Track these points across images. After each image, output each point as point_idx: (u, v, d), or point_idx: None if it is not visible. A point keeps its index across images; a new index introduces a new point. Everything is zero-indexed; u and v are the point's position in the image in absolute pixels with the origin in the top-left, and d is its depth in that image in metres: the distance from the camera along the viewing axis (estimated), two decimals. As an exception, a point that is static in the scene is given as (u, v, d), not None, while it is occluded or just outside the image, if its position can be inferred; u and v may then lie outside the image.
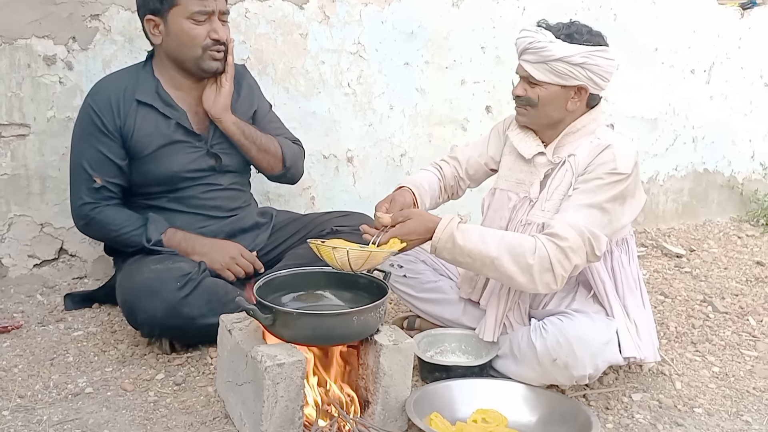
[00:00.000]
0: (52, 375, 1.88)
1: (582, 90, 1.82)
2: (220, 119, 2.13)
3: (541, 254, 1.68)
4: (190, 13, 2.02)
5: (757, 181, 3.96)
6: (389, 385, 1.63)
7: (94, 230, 2.14)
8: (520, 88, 1.87)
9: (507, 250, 1.69)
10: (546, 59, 1.78)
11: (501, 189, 1.99)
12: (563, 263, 1.68)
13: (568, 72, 1.78)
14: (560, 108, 1.84)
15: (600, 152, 1.79)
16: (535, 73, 1.81)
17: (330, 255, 1.65)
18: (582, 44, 1.78)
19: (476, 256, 1.71)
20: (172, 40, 2.06)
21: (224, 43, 2.08)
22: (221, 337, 1.72)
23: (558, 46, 1.77)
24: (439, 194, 2.09)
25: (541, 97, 1.83)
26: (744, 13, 3.67)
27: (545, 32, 1.81)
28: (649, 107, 3.51)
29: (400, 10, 2.85)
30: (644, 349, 1.85)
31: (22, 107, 2.34)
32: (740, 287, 2.81)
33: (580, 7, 3.21)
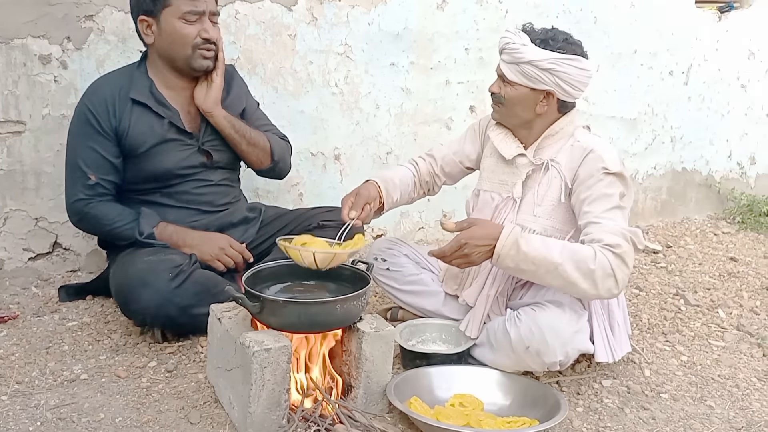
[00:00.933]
0: (48, 362, 1.95)
1: (550, 95, 1.91)
2: (211, 113, 2.20)
3: (602, 261, 1.73)
4: (181, 13, 2.09)
5: (734, 180, 4.07)
6: (371, 370, 1.72)
7: (88, 225, 2.21)
8: (495, 85, 1.98)
9: (569, 257, 1.74)
10: (517, 60, 1.87)
11: (484, 190, 2.08)
12: (622, 268, 1.75)
13: (536, 75, 1.87)
14: (529, 109, 1.93)
15: (584, 157, 1.88)
16: (507, 72, 1.90)
17: (297, 256, 1.75)
18: (554, 51, 1.86)
19: (540, 262, 1.75)
20: (164, 40, 2.13)
21: (214, 42, 2.16)
22: (211, 325, 1.81)
23: (529, 50, 1.86)
24: (413, 189, 2.18)
25: (511, 96, 1.92)
26: (721, 17, 3.77)
27: (522, 35, 1.90)
28: (628, 108, 3.61)
29: (387, 12, 2.93)
30: (617, 350, 1.95)
31: (18, 105, 2.41)
32: (713, 282, 2.92)
33: (561, 10, 3.30)
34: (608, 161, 1.86)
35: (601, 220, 1.81)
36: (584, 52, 1.93)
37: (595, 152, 1.88)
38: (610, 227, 1.79)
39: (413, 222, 3.22)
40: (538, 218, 1.94)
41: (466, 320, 2.02)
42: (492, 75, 3.19)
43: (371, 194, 2.01)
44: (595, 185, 1.85)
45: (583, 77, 1.90)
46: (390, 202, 2.08)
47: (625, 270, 1.76)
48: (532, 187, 1.97)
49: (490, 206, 2.03)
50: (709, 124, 3.90)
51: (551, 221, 1.94)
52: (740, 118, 3.99)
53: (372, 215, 2.02)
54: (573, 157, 1.91)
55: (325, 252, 1.73)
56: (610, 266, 1.73)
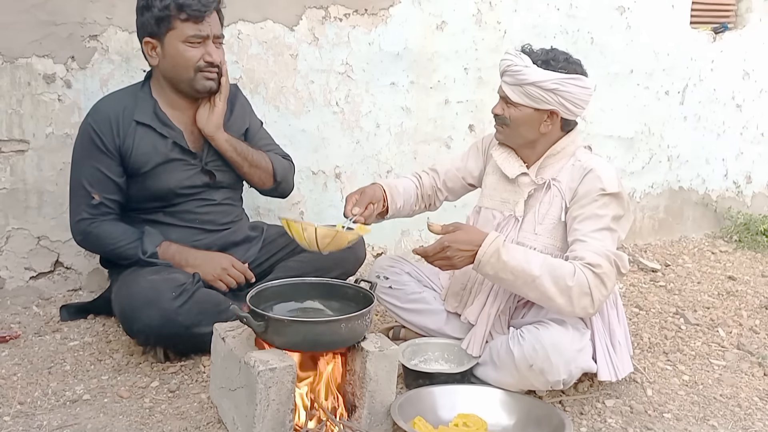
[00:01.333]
0: (50, 383, 1.94)
1: (554, 114, 1.93)
2: (213, 137, 2.22)
3: (580, 279, 1.76)
4: (185, 37, 2.10)
5: (730, 199, 4.10)
6: (375, 389, 1.72)
7: (91, 244, 2.21)
8: (498, 107, 2.00)
9: (548, 271, 1.77)
10: (521, 82, 1.90)
11: (486, 207, 2.09)
12: (600, 288, 1.77)
13: (540, 96, 1.89)
14: (533, 129, 1.95)
15: (584, 176, 1.90)
16: (511, 94, 1.93)
17: (299, 231, 1.74)
18: (556, 71, 1.89)
19: (519, 273, 1.78)
20: (168, 62, 2.14)
21: (218, 65, 2.18)
22: (215, 345, 1.81)
23: (532, 71, 1.88)
24: (415, 201, 2.19)
25: (515, 117, 1.94)
26: (716, 37, 3.83)
27: (524, 57, 1.93)
28: (625, 127, 3.64)
29: (387, 33, 2.96)
30: (620, 368, 1.95)
31: (21, 124, 2.42)
32: (712, 300, 2.93)
33: (558, 30, 3.34)
34: (606, 181, 1.88)
35: (588, 239, 1.83)
36: (584, 71, 1.97)
37: (594, 172, 1.90)
38: (595, 247, 1.81)
39: (413, 240, 3.23)
40: (539, 236, 1.96)
41: (468, 338, 2.02)
42: (491, 94, 3.23)
43: (376, 194, 2.02)
44: (588, 204, 1.88)
45: (585, 95, 1.93)
46: (394, 208, 2.08)
47: (602, 290, 1.78)
48: (533, 206, 1.99)
49: (491, 224, 2.04)
50: (705, 144, 3.93)
51: (552, 239, 1.96)
52: (736, 137, 4.03)
53: (375, 217, 2.02)
54: (573, 177, 1.94)
55: (327, 229, 1.72)
56: (588, 285, 1.76)
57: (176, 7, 2.07)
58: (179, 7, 2.07)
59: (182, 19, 2.08)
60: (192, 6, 2.07)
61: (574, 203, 1.91)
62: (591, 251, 1.80)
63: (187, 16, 2.08)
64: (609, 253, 1.81)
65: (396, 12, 2.96)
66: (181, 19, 2.08)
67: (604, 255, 1.80)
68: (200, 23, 2.10)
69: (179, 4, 2.06)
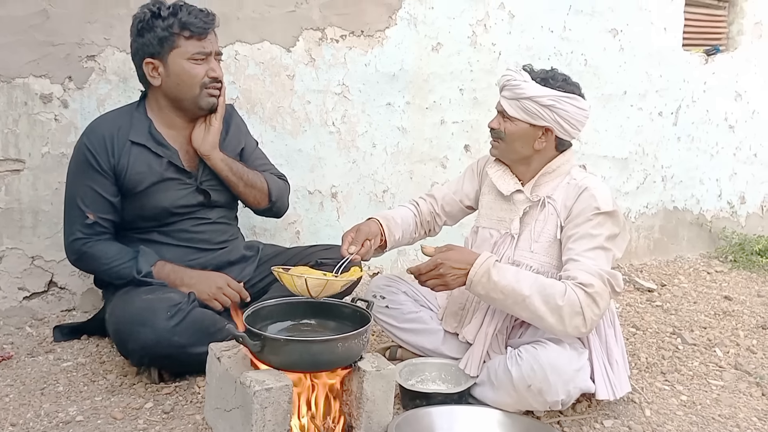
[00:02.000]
0: (43, 404, 1.92)
1: (549, 131, 1.95)
2: (208, 156, 2.22)
3: (571, 298, 1.77)
4: (190, 54, 2.12)
5: (725, 219, 4.12)
6: (372, 410, 1.70)
7: (86, 264, 2.20)
8: (494, 121, 2.02)
9: (538, 291, 1.78)
10: (518, 96, 1.92)
11: (483, 227, 2.10)
12: (592, 307, 1.78)
13: (536, 111, 1.92)
14: (527, 145, 1.97)
15: (579, 195, 1.92)
16: (508, 108, 1.95)
17: (291, 282, 1.76)
18: (554, 89, 1.92)
19: (509, 293, 1.80)
20: (172, 81, 2.15)
21: (221, 80, 2.19)
22: (210, 365, 1.79)
23: (530, 86, 1.92)
24: (414, 229, 2.19)
25: (510, 131, 1.96)
26: (708, 59, 3.88)
27: (523, 73, 1.96)
28: (619, 147, 3.67)
29: (383, 54, 2.99)
30: (618, 387, 1.94)
31: (17, 143, 2.42)
32: (708, 320, 2.93)
33: (553, 52, 3.38)
34: (600, 200, 1.89)
35: (581, 258, 1.84)
36: (582, 93, 1.99)
37: (589, 190, 1.91)
38: (587, 266, 1.82)
39: (410, 260, 3.22)
40: (536, 254, 1.96)
41: (466, 358, 2.01)
42: (486, 115, 3.26)
43: (372, 230, 2.02)
44: (583, 224, 1.89)
45: (580, 116, 1.95)
46: (392, 241, 2.09)
47: (595, 310, 1.78)
48: (529, 224, 2.00)
49: (488, 242, 2.05)
50: (698, 164, 3.96)
51: (548, 258, 1.96)
52: (729, 158, 4.06)
53: (373, 252, 2.02)
54: (568, 195, 1.95)
55: (317, 278, 1.74)
56: (579, 305, 1.77)
57: (179, 25, 2.09)
58: (182, 25, 2.09)
59: (186, 37, 2.10)
60: (195, 24, 2.10)
61: (569, 222, 1.92)
62: (583, 270, 1.81)
63: (191, 34, 2.10)
64: (602, 273, 1.81)
65: (392, 34, 2.99)
66: (185, 37, 2.10)
67: (597, 274, 1.80)
68: (203, 40, 2.13)
69: (182, 22, 2.09)
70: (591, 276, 1.80)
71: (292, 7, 2.78)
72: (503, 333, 2.01)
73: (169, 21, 2.09)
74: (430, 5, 3.06)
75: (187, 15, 2.10)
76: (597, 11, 3.45)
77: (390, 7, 2.97)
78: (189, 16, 2.10)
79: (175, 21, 2.09)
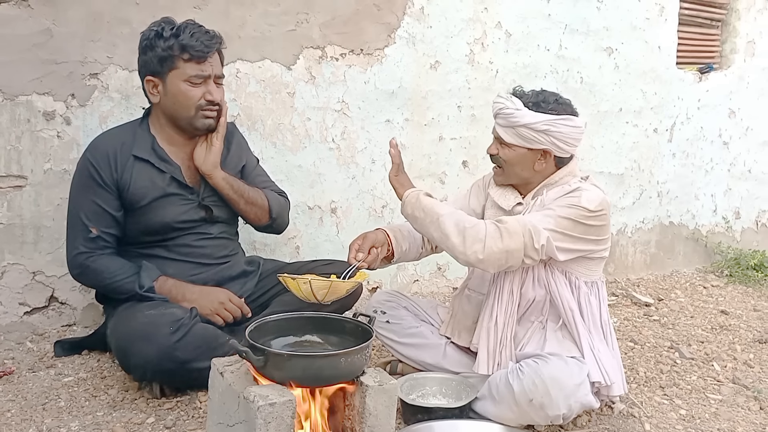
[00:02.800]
0: (44, 419, 1.92)
1: (547, 153, 1.99)
2: (210, 175, 2.24)
3: (479, 226, 1.85)
4: (187, 77, 2.14)
5: (720, 234, 4.16)
6: (374, 425, 1.71)
7: (88, 278, 2.20)
8: (493, 147, 2.06)
9: (452, 215, 1.88)
10: (513, 124, 1.96)
11: None
12: (495, 238, 1.83)
13: (532, 137, 1.96)
14: (528, 168, 2.02)
15: (568, 192, 1.96)
16: (504, 135, 1.99)
17: (296, 286, 1.80)
18: (547, 113, 1.95)
19: (428, 211, 1.91)
20: (169, 100, 2.18)
21: (218, 103, 2.21)
22: (213, 380, 1.79)
23: (524, 114, 1.95)
24: (421, 244, 2.20)
25: (509, 157, 2.01)
26: (702, 77, 3.93)
27: (515, 100, 1.99)
28: (615, 163, 3.71)
29: (382, 72, 3.03)
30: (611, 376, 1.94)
31: (20, 160, 2.44)
32: (706, 335, 2.95)
33: (549, 70, 3.43)
34: (584, 200, 1.91)
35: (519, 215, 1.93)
36: (574, 111, 2.03)
37: (579, 191, 1.95)
38: (516, 217, 1.90)
39: (408, 274, 3.24)
40: None
41: (477, 361, 2.02)
42: (484, 131, 3.30)
43: (379, 239, 2.05)
44: (553, 202, 1.94)
45: (576, 134, 1.98)
46: (400, 251, 2.10)
47: (497, 241, 1.83)
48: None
49: None
50: (693, 180, 4.00)
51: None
52: (723, 173, 4.10)
53: (380, 262, 2.04)
54: (559, 193, 1.98)
55: (322, 281, 1.77)
56: (484, 232, 1.84)
57: (179, 47, 2.11)
58: (182, 47, 2.11)
59: (185, 59, 2.12)
60: (195, 47, 2.11)
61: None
62: (508, 218, 1.89)
63: (190, 57, 2.12)
64: (525, 221, 1.86)
65: (391, 52, 3.03)
66: (184, 59, 2.12)
67: (519, 220, 1.87)
68: (202, 63, 2.14)
69: (182, 45, 2.11)
70: (512, 219, 1.87)
71: (292, 26, 2.82)
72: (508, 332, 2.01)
73: (169, 42, 2.11)
74: (429, 24, 3.10)
75: (189, 37, 2.12)
76: (592, 30, 3.51)
77: (389, 26, 3.02)
78: (190, 39, 2.12)
79: (176, 42, 2.11)
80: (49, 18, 2.40)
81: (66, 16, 2.42)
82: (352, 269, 1.93)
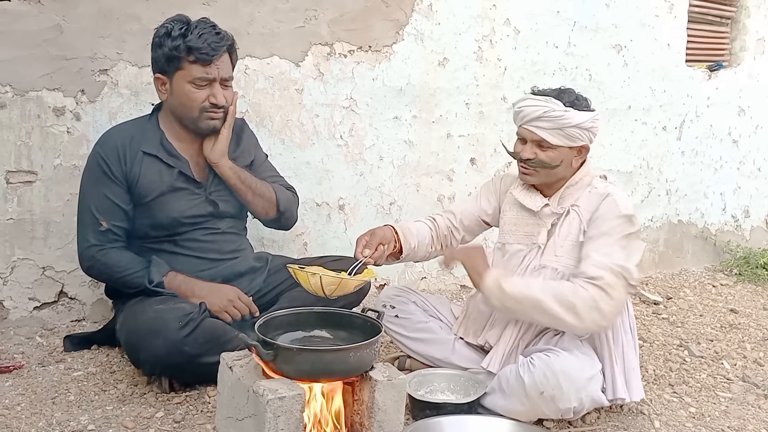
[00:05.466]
0: (54, 413, 1.93)
1: (584, 148, 2.04)
2: (217, 164, 2.24)
3: (582, 294, 1.82)
4: (192, 78, 2.13)
5: (729, 233, 4.13)
6: (383, 419, 1.71)
7: (98, 271, 2.21)
8: (529, 152, 2.02)
9: (550, 293, 1.84)
10: (563, 126, 1.97)
11: (510, 243, 2.13)
12: (606, 300, 1.82)
13: (578, 135, 1.99)
14: (568, 165, 2.04)
15: (602, 201, 1.98)
16: (549, 137, 1.98)
17: (306, 279, 1.81)
18: (588, 111, 2.01)
19: (522, 299, 1.86)
20: (175, 99, 2.17)
21: (222, 106, 2.19)
22: (222, 374, 1.80)
23: (572, 115, 1.97)
24: (430, 242, 2.20)
25: (552, 158, 2.01)
26: (711, 75, 3.92)
27: (556, 102, 1.98)
28: (623, 161, 3.69)
29: (390, 69, 3.03)
30: (633, 391, 1.98)
31: (30, 155, 2.45)
32: (715, 333, 2.94)
33: (557, 67, 3.42)
34: (622, 206, 1.96)
35: (592, 254, 1.90)
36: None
37: (611, 196, 1.98)
38: (596, 261, 1.87)
39: (416, 272, 3.24)
40: (560, 258, 2.01)
41: (489, 357, 2.04)
42: (491, 128, 3.30)
43: (386, 235, 2.04)
44: (602, 225, 1.95)
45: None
46: (408, 248, 2.10)
47: (609, 302, 1.82)
48: (554, 233, 2.05)
49: (517, 257, 2.09)
50: (703, 178, 3.98)
51: (571, 260, 2.01)
52: (733, 172, 4.08)
53: (386, 258, 2.04)
54: (591, 201, 2.01)
55: (332, 277, 1.78)
56: (591, 299, 1.81)
57: (185, 49, 2.10)
58: (188, 49, 2.10)
59: (190, 61, 2.11)
60: (201, 49, 2.10)
61: (590, 224, 1.98)
62: (592, 265, 1.87)
63: (196, 59, 2.11)
64: (611, 265, 1.85)
65: (399, 49, 3.03)
66: (190, 61, 2.11)
67: (606, 267, 1.85)
68: (208, 66, 2.13)
69: (189, 46, 2.09)
70: (599, 269, 1.85)
71: (301, 23, 2.82)
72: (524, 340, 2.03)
73: (176, 42, 2.10)
74: (437, 21, 3.10)
75: (196, 38, 2.09)
76: (601, 27, 3.49)
77: (397, 23, 3.01)
78: (198, 40, 2.09)
79: (182, 43, 2.09)
80: (59, 14, 2.41)
81: (76, 12, 2.43)
82: (359, 265, 1.93)
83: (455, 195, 3.25)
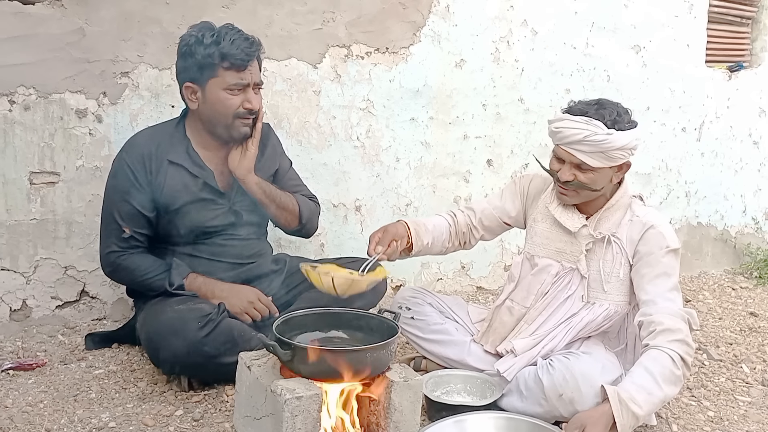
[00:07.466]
0: (76, 410, 1.96)
1: (625, 165, 1.96)
2: (243, 180, 2.23)
3: (677, 359, 1.82)
4: (227, 85, 2.12)
5: (749, 235, 4.09)
6: (400, 420, 1.72)
7: (120, 275, 2.25)
8: (568, 173, 1.93)
9: (662, 380, 1.79)
10: (606, 149, 1.87)
11: (539, 256, 2.08)
12: (689, 352, 1.84)
13: (620, 155, 1.91)
14: (608, 184, 1.97)
15: (644, 232, 1.94)
16: (590, 161, 1.89)
17: (318, 279, 1.83)
18: (632, 129, 1.91)
19: (655, 407, 1.84)
20: (208, 107, 2.16)
21: (256, 111, 2.21)
22: (240, 374, 1.82)
23: (616, 137, 1.86)
24: (447, 238, 2.19)
25: (593, 179, 1.93)
26: (731, 76, 3.87)
27: (597, 123, 1.87)
28: (642, 162, 3.66)
29: (407, 70, 3.03)
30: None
31: (53, 156, 2.49)
32: (734, 336, 2.91)
33: (576, 68, 3.40)
34: (669, 239, 1.93)
35: (660, 300, 1.87)
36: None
37: (655, 228, 1.93)
38: (669, 309, 1.86)
39: (432, 273, 3.24)
40: (610, 295, 1.99)
41: (509, 364, 1.99)
42: (508, 130, 3.30)
43: (399, 232, 2.04)
44: (655, 263, 1.91)
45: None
46: (420, 245, 2.09)
47: (690, 352, 1.84)
48: (595, 261, 2.00)
49: (548, 273, 2.05)
50: (722, 180, 3.95)
51: (621, 296, 2.00)
52: (753, 173, 4.04)
53: (398, 254, 2.03)
54: (633, 232, 1.96)
55: (344, 276, 1.80)
56: (681, 359, 1.81)
57: (220, 55, 2.09)
58: (223, 56, 2.09)
59: (225, 68, 2.10)
60: (236, 55, 2.09)
61: (639, 260, 1.94)
62: (667, 314, 1.84)
63: (230, 65, 2.10)
64: (683, 314, 1.87)
65: (416, 50, 3.04)
66: (224, 68, 2.10)
67: (680, 317, 1.85)
68: (242, 72, 2.12)
69: (223, 53, 2.09)
70: (676, 320, 1.84)
71: (318, 25, 2.84)
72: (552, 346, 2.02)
73: (210, 50, 2.08)
74: (454, 23, 3.10)
75: (229, 45, 2.09)
76: (619, 28, 3.47)
77: (414, 25, 3.02)
78: (231, 47, 2.09)
79: (216, 50, 2.08)
80: (82, 17, 2.45)
81: (98, 15, 2.46)
82: (372, 262, 1.94)
83: (471, 196, 3.25)
